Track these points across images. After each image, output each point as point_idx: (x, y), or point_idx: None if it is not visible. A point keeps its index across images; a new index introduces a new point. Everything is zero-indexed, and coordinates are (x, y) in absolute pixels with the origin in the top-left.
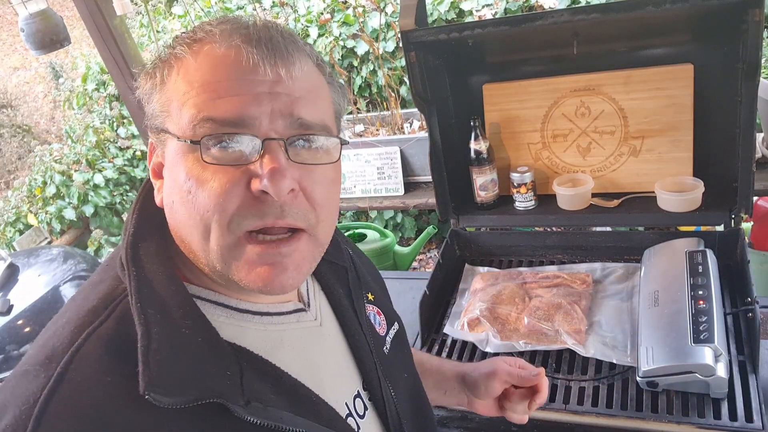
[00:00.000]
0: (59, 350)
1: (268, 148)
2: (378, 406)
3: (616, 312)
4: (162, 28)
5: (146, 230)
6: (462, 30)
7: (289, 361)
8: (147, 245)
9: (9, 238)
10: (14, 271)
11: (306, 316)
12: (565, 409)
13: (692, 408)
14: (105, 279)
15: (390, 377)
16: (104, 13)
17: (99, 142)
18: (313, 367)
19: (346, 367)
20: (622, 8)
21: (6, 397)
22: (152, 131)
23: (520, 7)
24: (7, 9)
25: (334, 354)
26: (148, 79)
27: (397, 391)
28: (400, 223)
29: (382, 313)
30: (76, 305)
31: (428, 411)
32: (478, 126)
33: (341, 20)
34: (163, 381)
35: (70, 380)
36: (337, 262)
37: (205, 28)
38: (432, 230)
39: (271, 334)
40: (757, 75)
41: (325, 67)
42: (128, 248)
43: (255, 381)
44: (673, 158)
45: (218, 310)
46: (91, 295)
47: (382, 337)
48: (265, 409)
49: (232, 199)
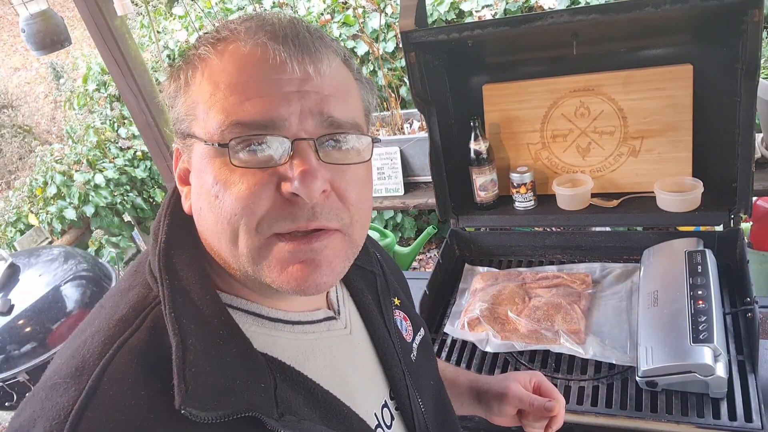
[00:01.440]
0: (90, 362)
1: (298, 149)
2: (405, 416)
3: (616, 312)
4: (163, 28)
5: (179, 237)
6: (462, 30)
7: (320, 371)
8: (180, 253)
9: (10, 238)
10: (15, 271)
11: (336, 324)
12: (564, 409)
13: (691, 408)
14: (134, 286)
15: (417, 385)
16: (105, 13)
17: (100, 143)
18: (344, 377)
19: (375, 376)
20: (622, 8)
21: (35, 411)
22: (178, 136)
23: (520, 8)
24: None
25: (364, 363)
26: (171, 82)
27: (424, 400)
28: (400, 223)
29: (408, 318)
30: (105, 313)
31: (453, 417)
32: (477, 126)
33: (341, 21)
34: (199, 395)
35: (102, 394)
36: (366, 267)
37: (229, 26)
38: (432, 230)
39: (302, 344)
40: (756, 75)
41: (353, 64)
42: (161, 255)
43: (288, 393)
44: (673, 158)
45: (250, 319)
46: (121, 303)
47: (408, 343)
48: (299, 423)
49: (261, 202)
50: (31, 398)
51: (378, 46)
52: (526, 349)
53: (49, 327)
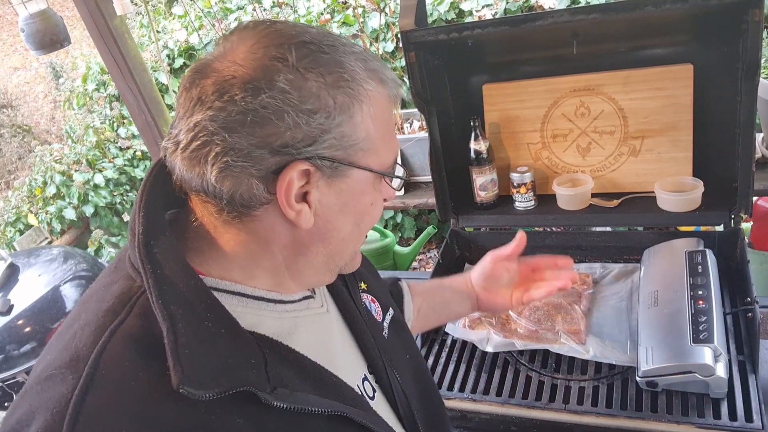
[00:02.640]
0: (83, 351)
1: None
2: (385, 389)
3: (616, 312)
4: (162, 28)
5: (155, 228)
6: (462, 30)
7: (306, 345)
8: (159, 243)
9: (9, 238)
10: (14, 271)
11: (313, 302)
12: (564, 409)
13: (692, 408)
14: (117, 280)
15: (392, 360)
16: (104, 13)
17: (99, 142)
18: (327, 350)
19: (352, 352)
20: (622, 8)
21: (32, 404)
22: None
23: (520, 7)
24: (8, 9)
25: (341, 340)
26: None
27: (401, 373)
28: (400, 223)
29: (377, 300)
30: (90, 308)
31: (434, 391)
32: (477, 126)
33: (341, 21)
34: (195, 375)
35: (101, 379)
36: None
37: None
38: (432, 230)
39: (286, 321)
40: (756, 75)
41: None
42: (140, 246)
43: (279, 367)
44: (673, 158)
45: (234, 299)
46: (106, 296)
47: (379, 323)
48: (292, 394)
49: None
50: (25, 394)
51: (378, 46)
52: (527, 348)
53: (48, 327)
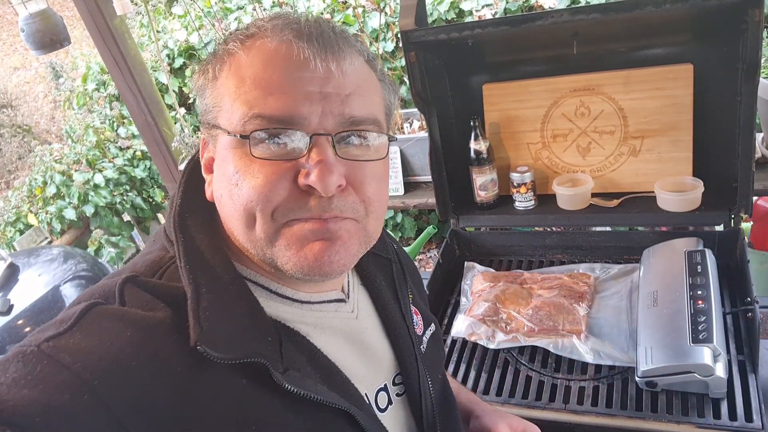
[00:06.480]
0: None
1: (316, 143)
2: (413, 400)
3: (615, 312)
4: (162, 28)
5: (193, 204)
6: (462, 30)
7: (324, 344)
8: (194, 217)
9: (9, 238)
10: (14, 270)
11: (344, 307)
12: (564, 409)
13: (692, 408)
14: (152, 250)
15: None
16: (104, 13)
17: (99, 142)
18: (345, 355)
19: (376, 362)
20: (622, 8)
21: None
22: (204, 126)
23: (520, 7)
24: (8, 9)
25: (366, 347)
26: (200, 75)
27: (434, 387)
28: (400, 223)
29: (420, 313)
30: (124, 271)
31: (456, 414)
32: (477, 126)
33: (341, 20)
34: (212, 336)
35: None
36: (382, 254)
37: (257, 23)
38: (432, 230)
39: (308, 318)
40: (756, 75)
41: (376, 64)
42: (176, 217)
43: (292, 351)
44: (673, 158)
45: (259, 290)
46: (139, 263)
47: (419, 336)
48: (302, 379)
49: (278, 191)
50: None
51: (378, 46)
52: (528, 344)
53: None
